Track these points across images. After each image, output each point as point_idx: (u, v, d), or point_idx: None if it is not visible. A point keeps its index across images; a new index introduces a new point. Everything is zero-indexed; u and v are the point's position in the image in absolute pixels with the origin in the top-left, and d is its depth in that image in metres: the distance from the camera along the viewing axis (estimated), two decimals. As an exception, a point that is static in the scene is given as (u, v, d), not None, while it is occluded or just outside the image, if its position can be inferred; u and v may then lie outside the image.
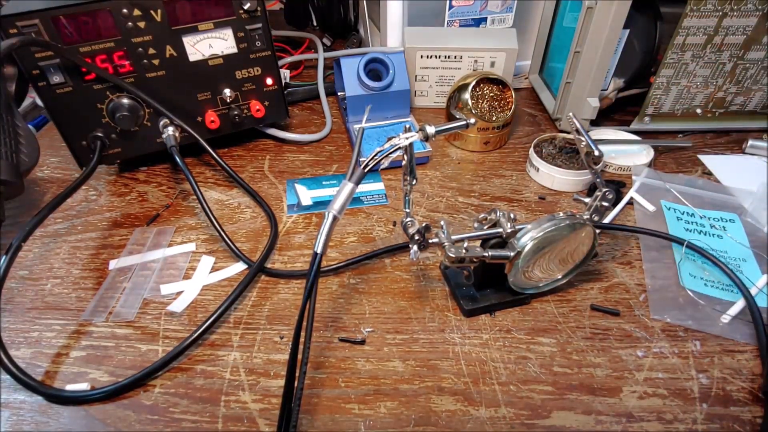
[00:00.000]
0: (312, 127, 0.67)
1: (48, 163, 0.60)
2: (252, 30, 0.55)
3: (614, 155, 0.57)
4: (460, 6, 0.68)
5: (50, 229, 0.51)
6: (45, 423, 0.34)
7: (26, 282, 0.45)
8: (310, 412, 0.35)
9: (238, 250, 0.46)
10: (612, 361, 0.38)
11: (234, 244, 0.47)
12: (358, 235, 0.50)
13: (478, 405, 0.35)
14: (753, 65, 0.57)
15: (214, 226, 0.47)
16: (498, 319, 0.41)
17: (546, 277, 0.41)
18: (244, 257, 0.46)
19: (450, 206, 0.53)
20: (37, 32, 0.46)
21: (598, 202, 0.39)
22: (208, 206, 0.48)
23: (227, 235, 0.47)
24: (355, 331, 0.40)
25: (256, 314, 0.42)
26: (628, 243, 0.48)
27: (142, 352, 0.39)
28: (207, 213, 0.48)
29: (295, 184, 0.57)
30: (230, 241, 0.47)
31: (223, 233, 0.47)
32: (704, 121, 0.63)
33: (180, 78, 0.54)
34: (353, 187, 0.33)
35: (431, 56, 0.67)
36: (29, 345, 0.39)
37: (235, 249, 0.46)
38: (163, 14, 0.50)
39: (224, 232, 0.47)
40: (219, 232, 0.47)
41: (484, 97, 0.60)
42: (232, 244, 0.46)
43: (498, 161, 0.60)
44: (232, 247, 0.46)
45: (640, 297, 0.43)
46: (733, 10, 0.53)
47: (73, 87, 0.50)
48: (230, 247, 0.46)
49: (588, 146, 0.37)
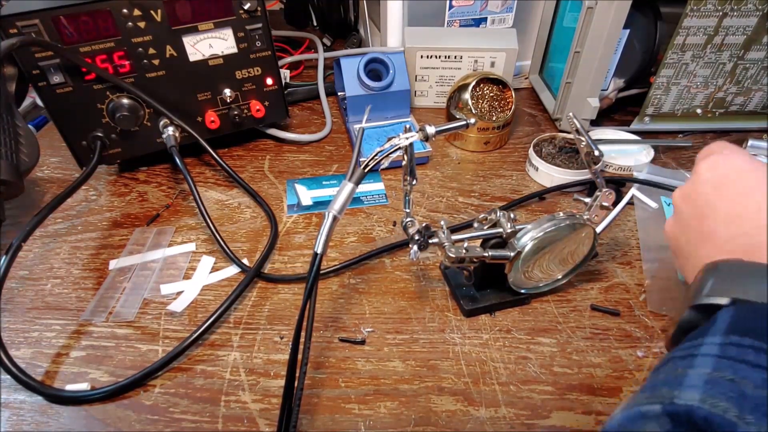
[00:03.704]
0: (312, 127, 0.67)
1: (48, 163, 0.60)
2: (252, 30, 0.55)
3: (614, 155, 0.57)
4: (460, 6, 0.68)
5: (50, 229, 0.51)
6: (45, 423, 0.34)
7: (26, 282, 0.45)
8: (310, 412, 0.35)
9: (234, 255, 0.46)
10: (612, 361, 0.38)
11: (230, 249, 0.46)
12: (358, 235, 0.50)
13: (478, 405, 0.35)
14: (753, 65, 0.57)
15: (210, 230, 0.47)
16: (498, 319, 0.41)
17: (546, 277, 0.41)
18: (239, 262, 0.45)
19: (450, 206, 0.53)
20: (37, 32, 0.46)
21: (598, 202, 0.39)
22: (205, 209, 0.48)
23: (224, 240, 0.46)
24: (355, 331, 0.40)
25: (256, 314, 0.42)
26: (628, 243, 0.48)
27: (142, 352, 0.39)
28: (204, 216, 0.48)
29: (295, 184, 0.57)
30: (226, 246, 0.46)
31: (220, 238, 0.46)
32: (704, 121, 0.63)
33: (180, 78, 0.54)
34: (353, 187, 0.33)
35: (431, 56, 0.67)
36: (29, 345, 0.39)
37: (231, 254, 0.46)
38: (163, 14, 0.50)
39: (221, 237, 0.46)
40: (215, 237, 0.47)
41: (484, 97, 0.60)
42: (228, 250, 0.46)
43: (498, 161, 0.60)
44: (228, 253, 0.46)
45: (640, 297, 0.43)
46: (733, 10, 0.53)
47: (73, 87, 0.50)
48: (227, 253, 0.46)
49: (588, 146, 0.37)
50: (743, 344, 0.20)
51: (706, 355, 0.20)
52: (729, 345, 0.20)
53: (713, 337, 0.21)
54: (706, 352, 0.21)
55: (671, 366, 0.21)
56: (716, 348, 0.21)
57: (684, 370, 0.20)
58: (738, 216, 0.28)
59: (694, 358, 0.21)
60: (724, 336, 0.21)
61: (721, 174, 0.30)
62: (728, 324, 0.22)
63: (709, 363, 0.20)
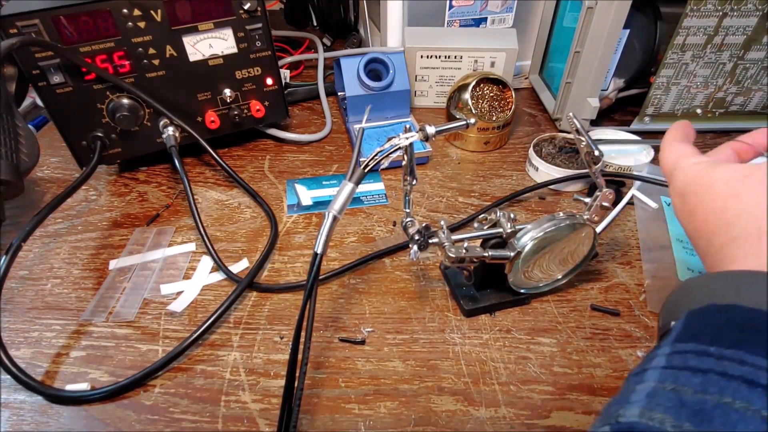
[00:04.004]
0: (312, 127, 0.67)
1: (48, 163, 0.60)
2: (252, 30, 0.55)
3: (614, 155, 0.57)
4: (460, 6, 0.68)
5: (50, 229, 0.51)
6: (45, 423, 0.34)
7: (26, 282, 0.45)
8: (310, 412, 0.35)
9: (226, 268, 0.45)
10: (612, 361, 0.38)
11: (220, 259, 0.45)
12: (358, 235, 0.50)
13: (478, 405, 0.35)
14: (753, 65, 0.57)
15: (202, 239, 0.47)
16: (498, 319, 0.41)
17: (546, 277, 0.41)
18: (230, 273, 0.44)
19: (450, 206, 0.53)
20: (37, 32, 0.46)
21: (598, 202, 0.39)
22: (199, 216, 0.48)
23: (215, 250, 0.46)
24: (355, 331, 0.40)
25: (256, 314, 0.42)
26: (628, 243, 0.48)
27: (142, 352, 0.39)
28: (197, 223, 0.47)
29: (295, 184, 0.57)
30: (218, 257, 0.45)
31: (211, 247, 0.46)
32: (704, 121, 0.63)
33: (180, 78, 0.54)
34: (353, 187, 0.33)
35: (431, 56, 0.67)
36: (29, 345, 0.39)
37: (222, 265, 0.45)
38: (163, 14, 0.50)
39: (212, 247, 0.46)
40: (207, 246, 0.46)
41: (484, 97, 0.60)
42: (219, 260, 0.45)
43: (498, 161, 0.60)
44: (218, 262, 0.45)
45: (640, 297, 0.43)
46: (733, 10, 0.53)
47: (73, 87, 0.50)
48: (218, 263, 0.45)
49: (588, 146, 0.37)
50: (687, 350, 0.20)
51: (654, 368, 0.20)
52: (674, 354, 0.20)
53: (663, 349, 0.21)
54: (655, 365, 0.20)
55: (626, 384, 0.21)
56: (663, 359, 0.20)
57: (633, 387, 0.20)
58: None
59: (645, 372, 0.20)
60: (672, 346, 0.21)
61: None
62: (677, 333, 0.21)
63: (656, 375, 0.20)
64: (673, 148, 0.32)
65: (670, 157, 0.32)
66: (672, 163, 0.31)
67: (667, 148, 0.33)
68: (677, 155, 0.31)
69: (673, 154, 0.32)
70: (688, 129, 0.34)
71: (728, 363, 0.18)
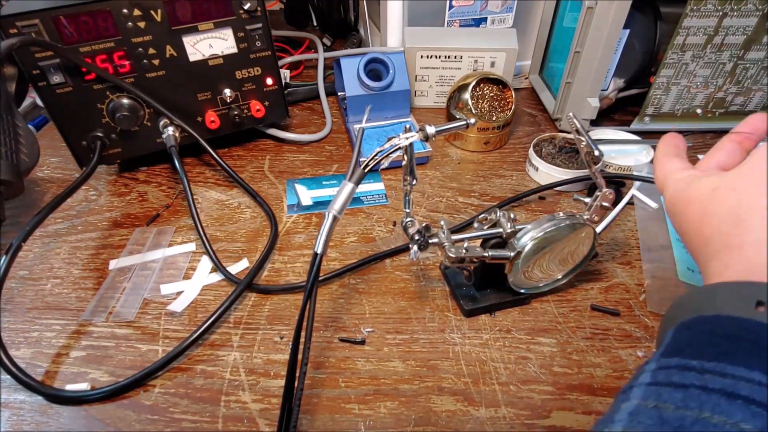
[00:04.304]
0: (312, 127, 0.67)
1: (48, 163, 0.60)
2: (252, 30, 0.55)
3: (614, 155, 0.57)
4: (460, 6, 0.68)
5: (50, 229, 0.51)
6: (45, 423, 0.34)
7: (26, 282, 0.45)
8: (310, 412, 0.35)
9: (225, 269, 0.45)
10: (612, 361, 0.38)
11: (219, 260, 0.45)
12: (358, 235, 0.50)
13: (478, 405, 0.35)
14: (753, 65, 0.57)
15: (202, 241, 0.47)
16: (498, 319, 0.41)
17: (546, 277, 0.41)
18: (229, 274, 0.44)
19: (450, 206, 0.53)
20: (37, 32, 0.46)
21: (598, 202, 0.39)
22: (199, 217, 0.48)
23: (215, 251, 0.46)
24: (355, 331, 0.40)
25: (256, 314, 0.42)
26: (628, 243, 0.48)
27: (142, 352, 0.39)
28: (196, 224, 0.47)
29: (295, 184, 0.57)
30: (216, 258, 0.45)
31: (210, 248, 0.46)
32: (704, 121, 0.63)
33: (180, 78, 0.54)
34: (353, 187, 0.33)
35: (431, 56, 0.67)
36: (29, 345, 0.39)
37: (220, 266, 0.45)
38: (163, 14, 0.50)
39: (211, 248, 0.46)
40: (206, 247, 0.46)
41: (484, 97, 0.60)
42: (217, 262, 0.45)
43: (498, 161, 0.60)
44: (217, 263, 0.45)
45: (640, 297, 0.43)
46: (733, 10, 0.53)
47: (73, 87, 0.50)
48: (216, 264, 0.45)
49: (588, 146, 0.37)
50: (671, 365, 0.20)
51: (640, 384, 0.20)
52: (659, 370, 0.20)
53: (650, 365, 0.21)
54: (641, 382, 0.20)
55: (614, 402, 0.21)
56: (649, 375, 0.20)
57: (619, 405, 0.20)
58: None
59: (631, 390, 0.20)
60: (657, 361, 0.21)
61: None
62: (665, 347, 0.21)
63: (640, 393, 0.19)
64: (662, 165, 0.32)
65: (658, 175, 0.32)
66: (661, 181, 0.32)
67: (657, 165, 0.33)
68: (665, 172, 0.32)
69: (661, 171, 0.32)
70: (677, 140, 0.34)
71: (710, 376, 0.18)
